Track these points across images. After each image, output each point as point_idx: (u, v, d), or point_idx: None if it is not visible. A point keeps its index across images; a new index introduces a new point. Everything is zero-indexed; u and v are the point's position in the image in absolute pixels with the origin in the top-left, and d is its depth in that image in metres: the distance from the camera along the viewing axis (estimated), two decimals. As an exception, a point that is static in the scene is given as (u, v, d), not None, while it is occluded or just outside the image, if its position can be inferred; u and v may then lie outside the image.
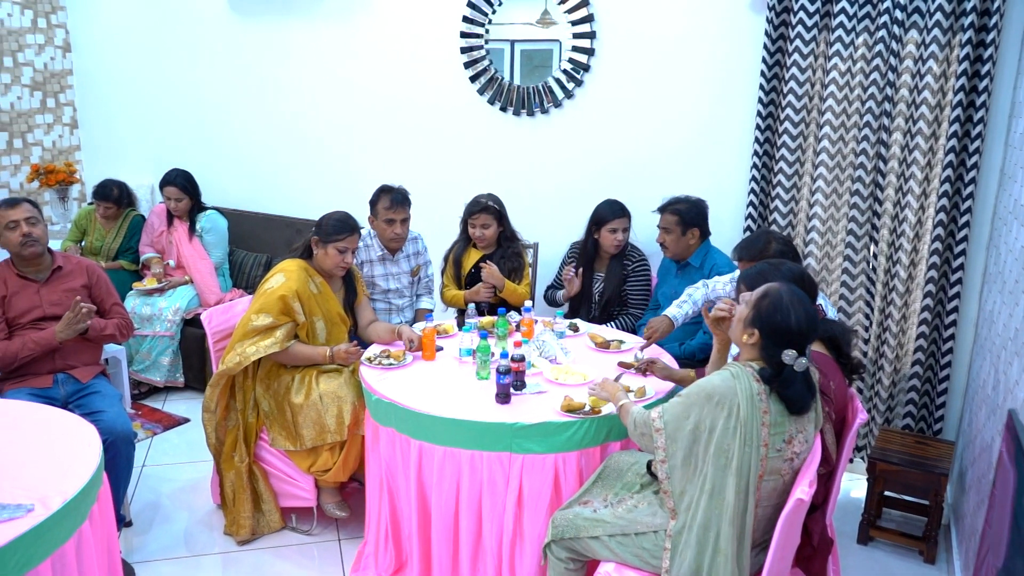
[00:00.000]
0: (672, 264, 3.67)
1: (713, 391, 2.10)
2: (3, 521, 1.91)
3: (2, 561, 1.83)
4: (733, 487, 2.06)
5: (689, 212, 3.51)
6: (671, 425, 2.16)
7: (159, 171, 4.91)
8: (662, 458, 2.17)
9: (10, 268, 3.15)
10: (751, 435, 2.05)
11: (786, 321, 2.09)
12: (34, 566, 1.92)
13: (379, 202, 3.56)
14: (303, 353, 3.10)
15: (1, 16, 5.27)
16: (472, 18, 4.25)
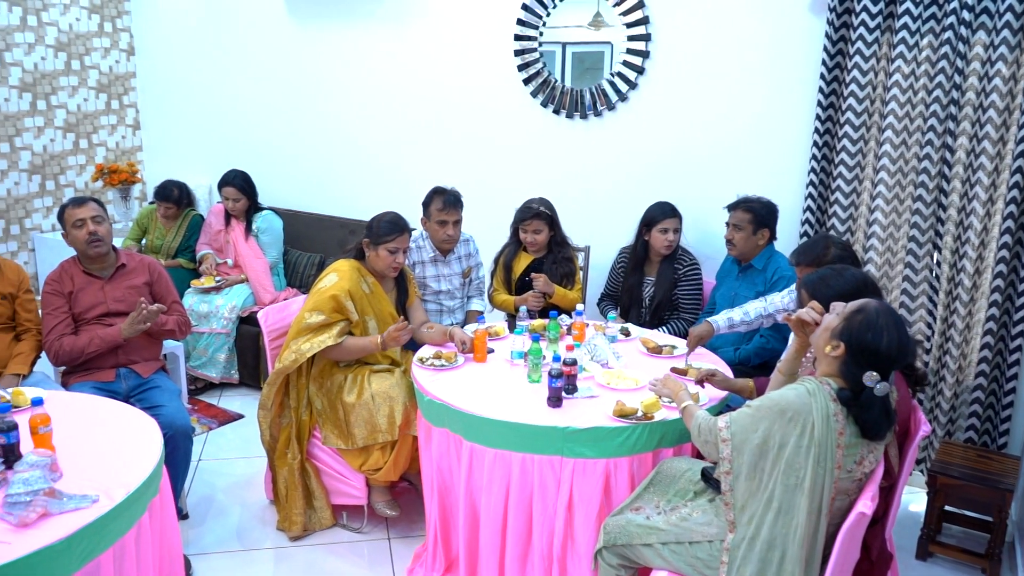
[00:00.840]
0: (733, 266, 3.62)
1: (787, 406, 2.02)
2: (69, 511, 1.97)
3: (68, 549, 1.88)
4: (804, 508, 1.99)
5: (763, 211, 3.46)
6: (738, 436, 2.09)
7: (216, 171, 5.01)
8: (727, 469, 2.11)
9: (76, 265, 3.25)
10: (825, 456, 1.98)
11: (876, 341, 1.99)
12: (96, 555, 1.97)
13: (432, 203, 3.58)
14: (356, 345, 3.13)
15: (69, 20, 5.44)
16: (526, 20, 4.26)
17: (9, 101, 5.19)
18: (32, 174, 5.41)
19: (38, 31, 5.28)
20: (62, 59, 5.45)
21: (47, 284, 3.19)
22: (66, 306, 3.16)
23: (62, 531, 1.89)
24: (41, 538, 1.86)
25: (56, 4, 5.35)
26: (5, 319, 3.15)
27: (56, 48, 5.41)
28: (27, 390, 2.65)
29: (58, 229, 5.50)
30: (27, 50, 5.24)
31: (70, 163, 5.62)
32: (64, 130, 5.54)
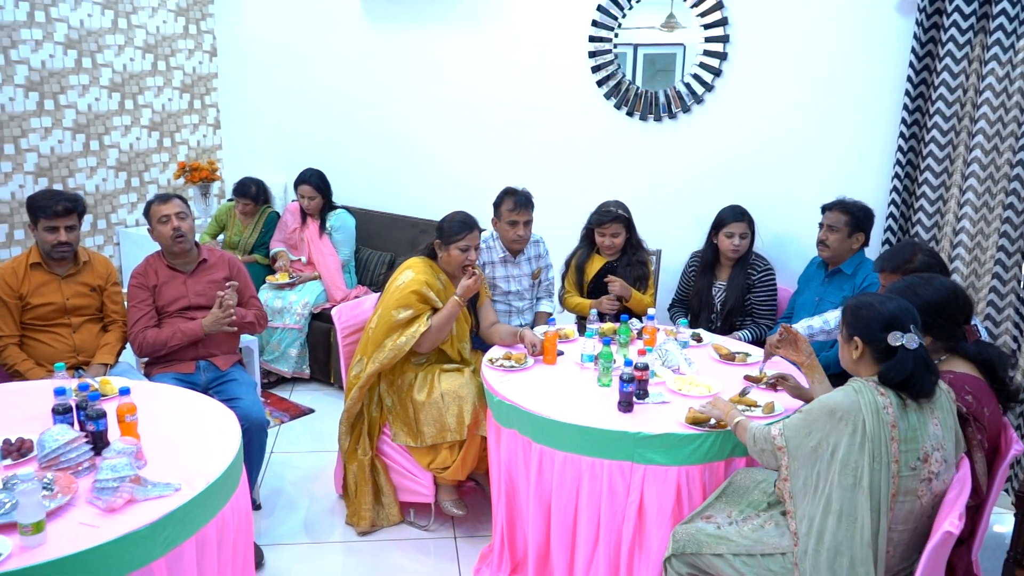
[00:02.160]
0: (819, 270, 3.53)
1: (835, 407, 2.03)
2: (153, 498, 2.03)
3: (152, 536, 1.94)
4: (866, 508, 1.97)
5: (861, 214, 3.37)
6: (793, 442, 2.09)
7: (292, 170, 5.13)
8: (785, 476, 2.11)
9: (161, 259, 3.36)
10: (879, 450, 1.97)
11: (872, 310, 2.09)
12: (179, 543, 2.02)
13: (503, 204, 3.59)
14: (442, 318, 3.15)
15: (157, 23, 5.64)
16: (601, 22, 4.23)
17: (99, 101, 5.41)
18: (119, 171, 5.63)
19: (127, 33, 5.49)
20: (149, 60, 5.65)
21: (133, 277, 3.30)
22: (150, 299, 3.28)
23: (146, 518, 1.94)
24: (127, 523, 1.92)
25: (145, 7, 5.55)
26: (93, 310, 3.28)
27: (144, 50, 5.61)
28: (114, 379, 2.75)
29: (142, 224, 5.71)
30: (117, 52, 5.46)
31: (154, 161, 5.83)
32: (149, 129, 5.75)
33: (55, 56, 5.14)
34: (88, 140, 5.41)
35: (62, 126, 5.25)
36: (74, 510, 1.98)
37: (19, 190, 5.10)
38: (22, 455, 2.22)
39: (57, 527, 1.89)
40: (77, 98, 5.30)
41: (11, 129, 5.00)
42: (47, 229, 3.11)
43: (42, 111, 5.13)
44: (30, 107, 5.07)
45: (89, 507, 1.99)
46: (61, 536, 1.86)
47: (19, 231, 5.14)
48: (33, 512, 1.81)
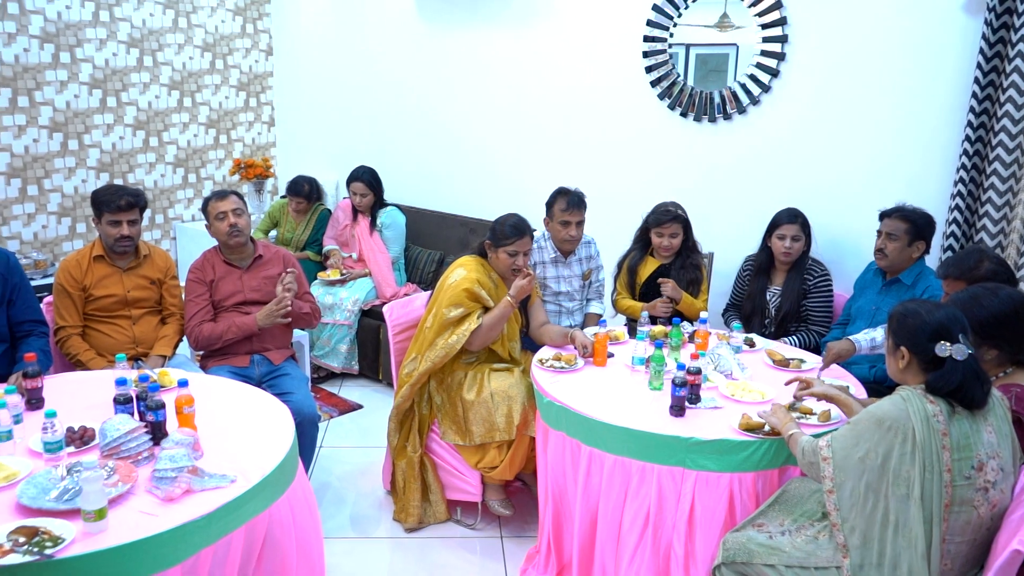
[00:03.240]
0: (877, 278, 3.44)
1: (884, 416, 2.00)
2: (209, 489, 2.06)
3: (207, 525, 1.97)
4: (918, 518, 1.93)
5: (922, 221, 3.27)
6: (839, 454, 2.05)
7: (344, 167, 5.18)
8: (829, 488, 2.07)
9: (218, 255, 3.42)
10: (931, 459, 1.93)
11: (919, 319, 2.05)
12: (230, 531, 2.05)
13: (555, 203, 3.58)
14: (494, 317, 3.15)
15: (216, 23, 5.75)
16: (656, 22, 4.19)
17: (159, 98, 5.54)
18: (176, 167, 5.75)
19: (187, 32, 5.61)
20: (207, 59, 5.77)
21: (191, 272, 3.37)
22: (207, 293, 3.34)
23: (203, 508, 1.97)
24: (184, 513, 1.95)
25: (204, 7, 5.67)
26: (153, 303, 3.35)
27: (203, 48, 5.72)
28: (172, 371, 2.81)
29: (198, 219, 5.83)
30: (177, 50, 5.58)
31: (210, 157, 5.95)
32: (206, 126, 5.86)
33: (118, 54, 5.28)
34: (148, 136, 5.54)
35: (123, 123, 5.39)
36: (134, 498, 2.02)
37: (82, 184, 5.25)
38: (84, 443, 2.27)
39: (117, 514, 1.93)
40: (138, 95, 5.43)
41: (75, 125, 5.15)
42: (110, 223, 3.19)
43: (105, 108, 5.27)
44: (94, 104, 5.21)
45: (148, 496, 2.03)
46: (122, 523, 1.90)
47: (81, 224, 5.29)
48: (96, 499, 1.85)
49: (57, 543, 1.79)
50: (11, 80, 4.81)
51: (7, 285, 2.91)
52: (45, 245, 5.15)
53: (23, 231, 5.05)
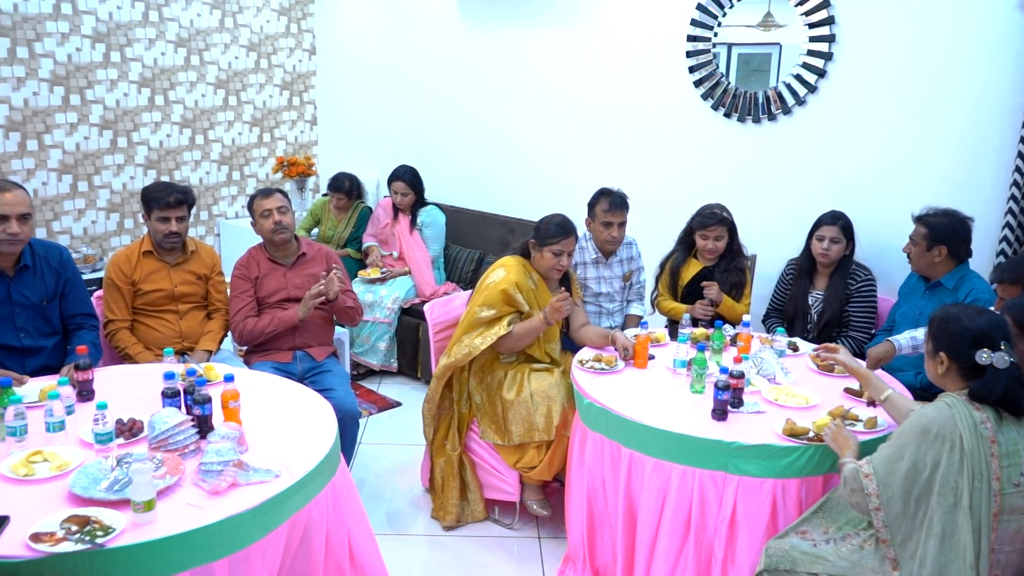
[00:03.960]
0: (920, 283, 3.38)
1: (929, 424, 1.96)
2: (254, 483, 2.09)
3: (252, 519, 1.99)
4: (967, 527, 1.89)
5: (940, 228, 3.21)
6: (882, 469, 2.02)
7: (385, 166, 5.22)
8: (876, 505, 2.03)
9: (262, 252, 3.47)
10: (980, 468, 1.89)
11: (959, 324, 2.01)
12: (275, 527, 2.08)
13: (598, 204, 3.56)
14: (525, 329, 3.15)
15: (261, 23, 5.83)
16: (701, 21, 4.15)
17: (205, 97, 5.63)
18: (221, 165, 5.85)
19: (233, 32, 5.70)
20: (252, 58, 5.85)
21: (236, 268, 3.42)
22: (252, 290, 3.39)
23: (248, 502, 2.00)
24: (230, 506, 1.98)
25: (250, 7, 5.75)
26: (199, 298, 3.40)
27: (248, 48, 5.81)
28: (218, 366, 2.85)
29: (241, 216, 5.92)
30: (223, 50, 5.66)
31: (254, 155, 6.03)
32: (251, 124, 5.95)
33: (166, 54, 5.37)
34: (194, 134, 5.64)
35: (171, 121, 5.49)
36: (181, 490, 2.05)
37: (130, 181, 5.36)
38: (133, 435, 2.32)
39: (165, 506, 1.96)
40: (185, 94, 5.53)
41: (125, 123, 5.25)
42: (159, 219, 3.25)
43: (153, 106, 5.37)
44: (142, 102, 5.31)
45: (195, 489, 2.06)
46: (169, 515, 1.93)
47: (128, 220, 5.40)
48: (145, 491, 1.89)
49: (107, 532, 1.82)
50: (64, 79, 4.93)
51: (60, 279, 2.98)
52: (94, 240, 5.27)
53: (73, 226, 5.17)
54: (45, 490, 2.04)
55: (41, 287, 2.93)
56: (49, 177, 4.99)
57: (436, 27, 5.33)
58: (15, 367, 2.77)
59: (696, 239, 3.67)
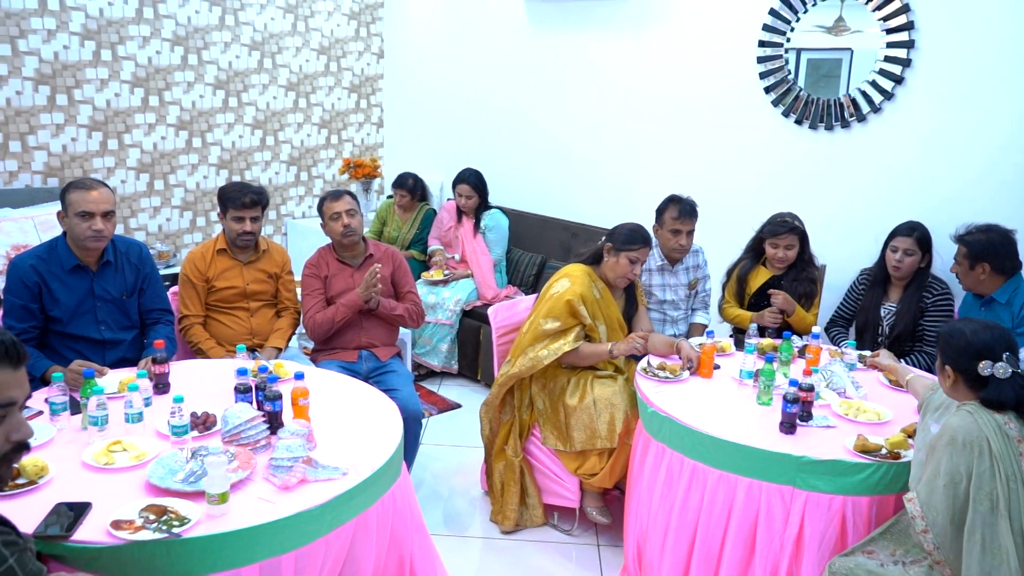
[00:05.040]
0: (975, 301, 3.29)
1: (955, 434, 2.01)
2: (323, 480, 2.13)
3: (321, 516, 2.03)
4: (1007, 531, 1.89)
5: (979, 245, 3.18)
6: (923, 490, 2.04)
7: (449, 169, 5.26)
8: (922, 528, 2.02)
9: (331, 253, 3.53)
10: (1011, 469, 1.92)
11: (962, 338, 2.07)
12: (341, 524, 2.11)
13: (667, 211, 3.53)
14: (590, 351, 3.14)
15: (332, 27, 5.94)
16: (773, 26, 4.08)
17: (276, 99, 5.76)
18: (290, 165, 5.98)
19: (304, 36, 5.82)
20: (322, 62, 5.96)
21: (306, 268, 3.50)
22: (322, 288, 3.45)
23: (316, 498, 2.03)
24: (299, 502, 2.02)
25: (321, 11, 5.86)
26: (269, 296, 3.49)
27: (318, 51, 5.92)
28: (287, 363, 2.91)
29: (308, 216, 6.04)
30: (295, 53, 5.79)
31: (321, 156, 6.15)
32: (319, 126, 6.06)
33: (240, 57, 5.52)
34: (264, 136, 5.77)
35: (243, 122, 5.63)
36: (252, 484, 2.10)
37: (203, 180, 5.52)
38: (207, 428, 2.38)
39: (237, 499, 2.01)
40: (257, 96, 5.66)
41: (199, 124, 5.41)
42: (234, 219, 3.34)
43: (227, 108, 5.52)
44: (216, 104, 5.46)
45: (265, 483, 2.11)
46: (241, 508, 1.98)
47: (200, 219, 5.56)
48: (220, 483, 1.94)
49: (183, 523, 1.88)
50: (144, 80, 5.10)
51: (139, 275, 3.09)
52: (168, 237, 5.44)
53: (149, 223, 5.34)
54: (124, 479, 2.12)
55: (121, 282, 3.03)
56: (127, 175, 5.17)
57: (503, 31, 5.36)
58: (95, 359, 2.87)
59: (766, 247, 3.61)
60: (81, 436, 2.35)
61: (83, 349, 2.94)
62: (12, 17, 4.53)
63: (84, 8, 4.79)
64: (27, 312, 2.86)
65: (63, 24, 4.73)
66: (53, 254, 2.92)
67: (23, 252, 3.01)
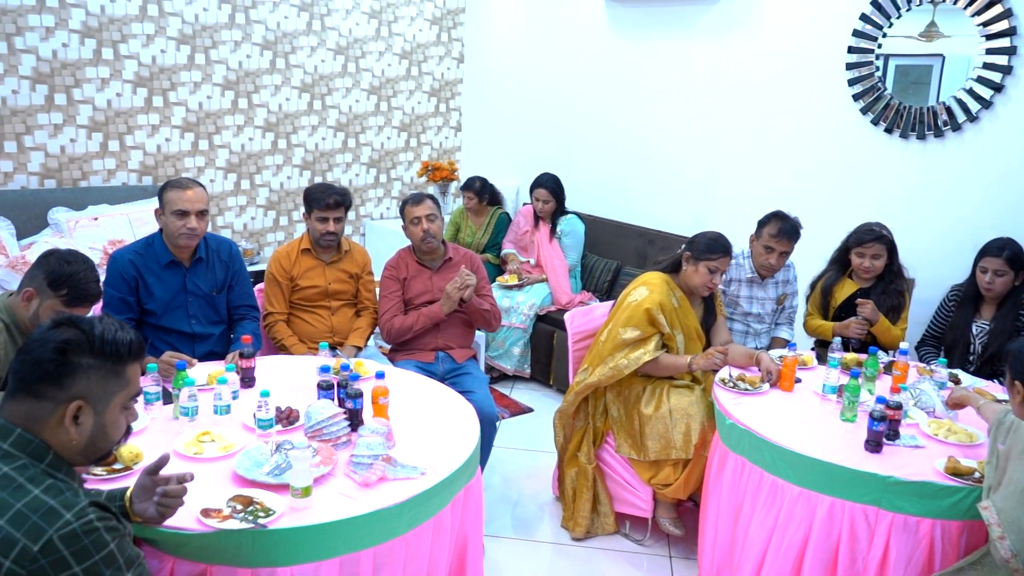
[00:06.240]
0: None
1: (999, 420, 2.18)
2: (401, 479, 2.16)
3: (400, 514, 2.06)
4: None
5: None
6: (998, 499, 2.05)
7: (526, 173, 5.28)
8: (999, 535, 2.00)
9: (411, 255, 3.58)
10: None
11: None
12: (419, 524, 2.14)
13: (767, 225, 3.46)
14: (670, 363, 3.10)
15: (414, 31, 6.04)
16: (863, 32, 3.97)
17: (359, 103, 5.88)
18: (370, 167, 6.09)
19: (387, 40, 5.93)
20: (404, 66, 6.06)
21: (386, 269, 3.56)
22: (400, 290, 3.51)
23: (395, 496, 2.06)
24: (379, 499, 2.05)
25: (404, 17, 5.97)
26: (350, 296, 3.56)
27: (400, 56, 6.03)
28: (367, 362, 2.96)
29: (386, 217, 6.15)
30: (377, 57, 5.90)
31: (400, 159, 6.25)
32: (399, 129, 6.17)
33: (326, 61, 5.66)
34: (347, 138, 5.90)
35: (326, 124, 5.77)
36: (333, 480, 2.15)
37: (287, 181, 5.67)
38: (290, 423, 2.44)
39: (319, 493, 2.05)
40: (340, 99, 5.80)
41: (285, 126, 5.57)
42: (319, 219, 3.42)
43: (311, 110, 5.67)
44: (301, 107, 5.61)
45: (346, 479, 2.15)
46: (323, 503, 2.02)
47: (283, 218, 5.71)
48: (304, 477, 1.99)
49: (269, 514, 1.93)
50: (234, 83, 5.28)
51: (229, 272, 3.19)
52: (252, 235, 5.61)
53: (234, 221, 5.52)
54: (212, 468, 2.19)
55: (212, 278, 3.14)
56: (216, 175, 5.36)
57: (584, 36, 5.35)
58: (185, 351, 2.98)
59: (852, 257, 3.50)
60: (172, 425, 2.44)
61: (174, 341, 3.06)
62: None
63: (181, 14, 4.99)
64: (125, 304, 2.99)
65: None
66: (150, 250, 3.05)
67: (122, 247, 3.15)
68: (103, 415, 1.53)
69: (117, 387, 1.54)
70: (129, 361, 1.56)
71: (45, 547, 1.34)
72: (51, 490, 1.41)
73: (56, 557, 1.35)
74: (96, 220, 4.51)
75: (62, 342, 1.49)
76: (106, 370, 1.52)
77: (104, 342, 1.51)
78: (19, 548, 1.34)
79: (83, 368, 1.49)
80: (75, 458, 1.52)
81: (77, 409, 1.49)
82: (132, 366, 1.57)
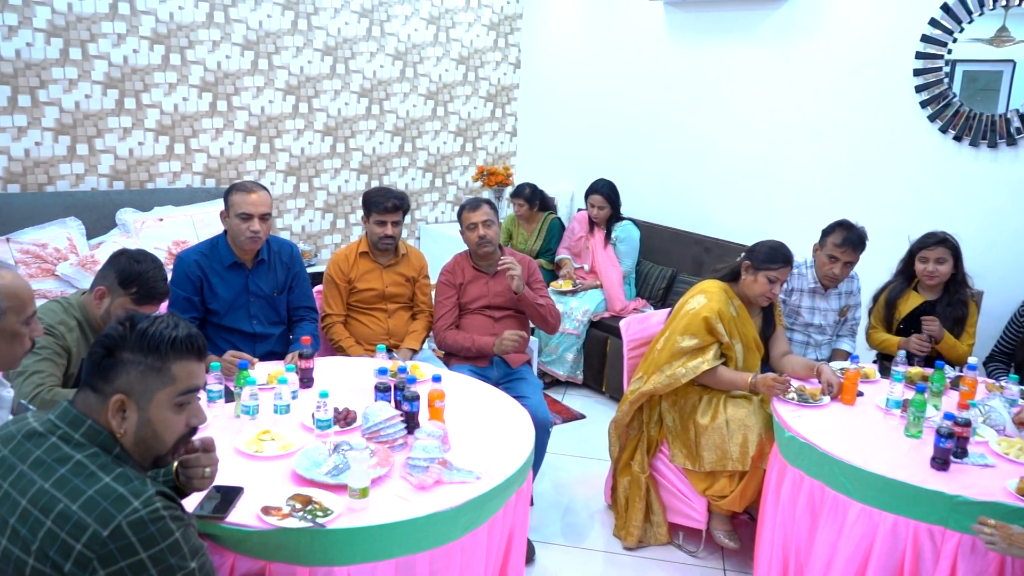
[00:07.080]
0: None
1: None
2: (457, 482, 2.17)
3: (456, 517, 2.07)
4: None
5: None
6: None
7: (581, 179, 5.26)
8: None
9: (467, 260, 3.60)
10: None
11: None
12: (475, 527, 2.14)
13: (832, 234, 3.39)
14: (728, 378, 3.05)
15: (471, 37, 6.08)
16: (933, 37, 3.86)
17: (416, 107, 5.95)
18: (426, 171, 6.15)
19: (446, 46, 5.98)
20: (461, 71, 6.11)
21: (442, 274, 3.58)
22: (455, 296, 3.53)
23: (451, 500, 2.07)
24: (434, 503, 2.06)
25: (462, 22, 6.01)
26: (406, 299, 3.59)
27: (458, 61, 6.07)
28: (423, 365, 2.99)
29: (441, 221, 6.19)
30: (435, 62, 5.96)
31: (456, 164, 6.29)
32: (455, 134, 6.21)
33: (384, 67, 5.73)
34: (403, 142, 5.97)
35: (384, 129, 5.85)
36: (389, 481, 2.17)
37: (344, 184, 5.76)
38: (348, 424, 2.47)
39: (376, 494, 2.07)
40: (398, 104, 5.86)
41: (343, 130, 5.66)
42: (377, 222, 3.46)
43: (369, 115, 5.75)
44: (360, 112, 5.69)
45: (402, 481, 2.16)
46: (380, 504, 2.04)
47: (340, 221, 5.80)
48: (362, 478, 2.01)
49: (327, 513, 1.95)
50: (295, 88, 5.38)
51: (289, 274, 3.26)
52: (310, 237, 5.70)
53: (293, 224, 5.62)
54: (272, 467, 2.23)
55: (273, 280, 3.20)
56: (276, 178, 5.47)
57: (642, 42, 5.32)
58: (246, 350, 3.04)
59: (916, 264, 3.40)
60: (234, 423, 2.49)
61: (236, 341, 3.12)
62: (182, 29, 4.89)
63: (245, 21, 5.11)
64: (190, 304, 3.07)
65: (227, 36, 5.06)
66: (214, 251, 3.12)
67: (188, 248, 3.23)
68: (147, 411, 1.52)
69: (159, 383, 1.53)
70: (172, 358, 1.53)
71: (114, 533, 1.38)
72: (121, 478, 1.45)
73: (124, 543, 1.39)
74: (161, 221, 4.64)
75: (106, 337, 1.53)
76: (146, 366, 1.51)
77: (144, 338, 1.51)
78: (90, 532, 1.38)
79: (123, 363, 1.51)
80: (134, 454, 1.54)
81: (120, 403, 1.50)
82: (179, 363, 1.54)
